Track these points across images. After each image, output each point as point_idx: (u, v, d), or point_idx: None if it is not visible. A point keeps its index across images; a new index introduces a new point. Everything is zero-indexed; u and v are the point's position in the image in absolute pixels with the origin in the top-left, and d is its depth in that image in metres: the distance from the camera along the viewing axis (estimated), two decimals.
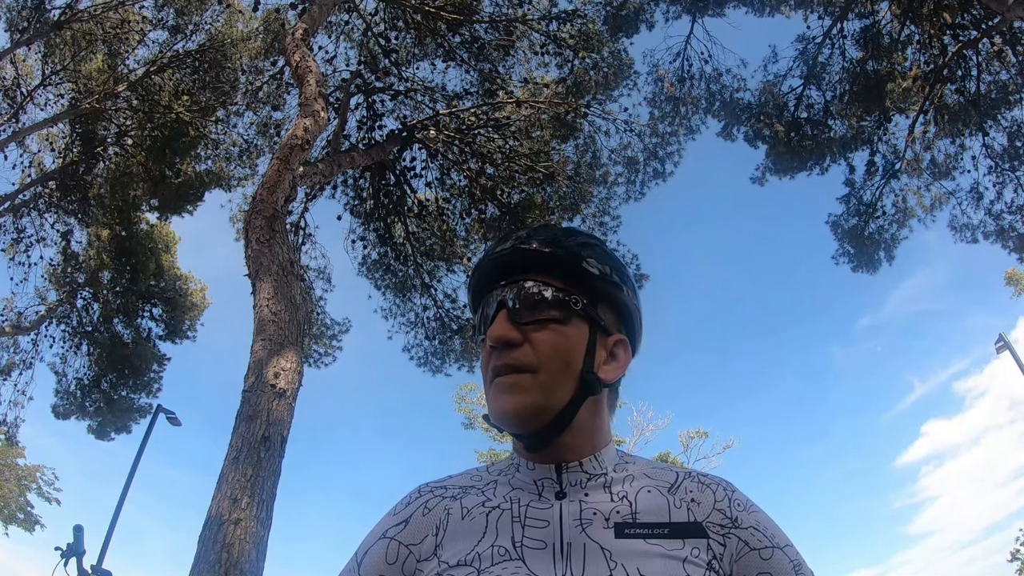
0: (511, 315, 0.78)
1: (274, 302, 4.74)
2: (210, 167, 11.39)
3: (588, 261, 0.81)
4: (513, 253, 0.82)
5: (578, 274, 0.81)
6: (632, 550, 0.70)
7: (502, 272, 0.82)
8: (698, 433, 20.75)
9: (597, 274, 0.81)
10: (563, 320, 0.78)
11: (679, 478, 0.81)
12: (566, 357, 0.77)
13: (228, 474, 3.83)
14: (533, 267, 0.81)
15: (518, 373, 0.76)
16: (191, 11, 10.71)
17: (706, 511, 0.76)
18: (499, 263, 0.83)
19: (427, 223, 10.65)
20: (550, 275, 0.80)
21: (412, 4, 9.97)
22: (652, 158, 10.59)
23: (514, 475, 0.83)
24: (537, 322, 0.78)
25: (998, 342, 13.95)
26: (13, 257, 11.82)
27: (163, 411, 11.58)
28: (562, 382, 0.77)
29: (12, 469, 19.98)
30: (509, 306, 0.79)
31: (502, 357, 0.77)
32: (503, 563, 0.71)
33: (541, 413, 0.76)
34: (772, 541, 0.76)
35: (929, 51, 10.20)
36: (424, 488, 0.87)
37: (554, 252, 0.80)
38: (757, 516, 0.78)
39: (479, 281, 0.85)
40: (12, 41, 10.26)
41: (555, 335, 0.78)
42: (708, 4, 10.43)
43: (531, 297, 0.79)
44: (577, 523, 0.73)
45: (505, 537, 0.73)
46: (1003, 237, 10.47)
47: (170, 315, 12.80)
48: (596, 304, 0.82)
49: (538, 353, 0.76)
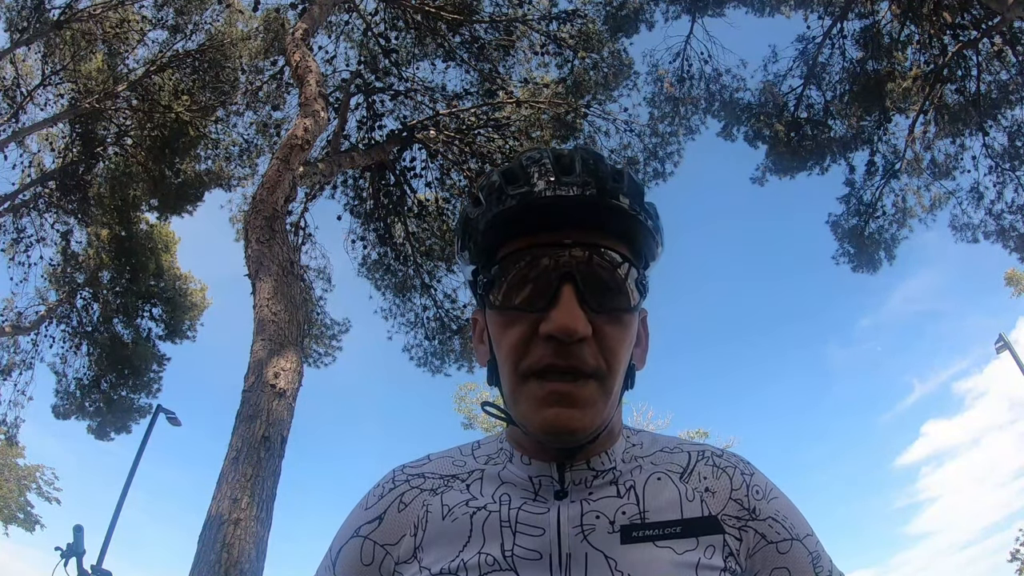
0: (581, 298, 0.60)
1: (274, 302, 4.74)
2: (210, 167, 11.38)
3: (644, 215, 0.64)
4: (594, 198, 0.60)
5: (640, 238, 0.64)
6: (640, 558, 0.61)
7: (551, 220, 0.61)
8: (698, 433, 20.73)
9: (652, 234, 0.65)
10: (633, 308, 0.64)
11: (691, 461, 0.71)
12: (628, 356, 0.64)
13: (228, 474, 3.83)
14: (592, 220, 0.62)
15: (581, 379, 0.61)
16: (191, 11, 10.70)
17: (722, 502, 0.67)
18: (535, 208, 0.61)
19: (427, 223, 10.65)
20: (614, 236, 0.63)
21: (412, 4, 9.97)
22: (652, 158, 10.59)
23: (505, 465, 0.70)
24: (611, 311, 0.62)
25: (998, 342, 13.95)
26: (13, 257, 11.82)
27: (163, 411, 11.58)
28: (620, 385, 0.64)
29: (12, 469, 19.97)
30: (582, 285, 0.60)
31: (565, 355, 0.60)
32: (493, 574, 0.61)
33: (598, 428, 0.63)
34: (792, 532, 0.68)
35: (929, 51, 10.21)
36: (399, 475, 0.74)
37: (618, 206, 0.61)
38: (777, 504, 0.70)
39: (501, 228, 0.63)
40: (12, 41, 10.26)
41: (625, 330, 0.63)
42: (708, 4, 10.42)
43: (606, 277, 0.62)
44: (578, 529, 0.63)
45: (493, 544, 0.63)
46: (1004, 237, 10.48)
47: (170, 315, 12.79)
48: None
49: (608, 354, 0.62)
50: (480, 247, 0.66)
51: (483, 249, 0.66)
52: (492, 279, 0.65)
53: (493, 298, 0.65)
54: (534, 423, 0.62)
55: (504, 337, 0.63)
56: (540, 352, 0.60)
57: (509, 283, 0.63)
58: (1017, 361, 13.38)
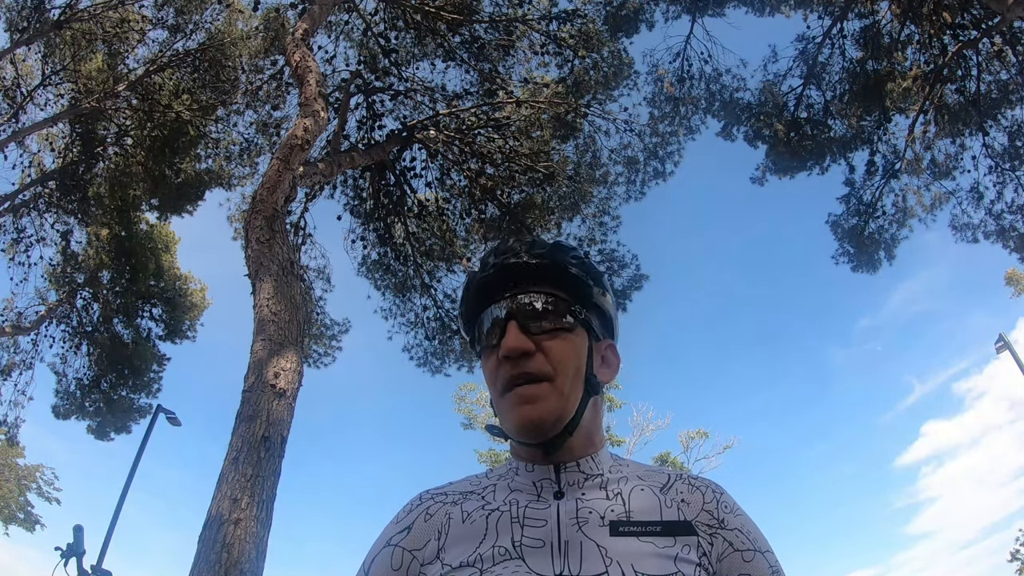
0: (522, 326, 0.81)
1: (274, 302, 4.74)
2: (210, 166, 11.38)
3: (576, 270, 0.85)
4: (505, 268, 0.85)
5: (569, 283, 0.85)
6: (626, 549, 0.73)
7: (497, 288, 0.85)
8: (698, 433, 20.71)
9: (585, 282, 0.86)
10: (570, 328, 0.83)
11: (671, 479, 0.85)
12: (577, 363, 0.82)
13: (228, 474, 3.83)
14: (526, 280, 0.84)
15: (536, 383, 0.78)
16: (191, 10, 10.70)
17: (695, 511, 0.80)
18: (492, 280, 0.86)
19: (427, 223, 10.65)
20: (545, 283, 0.84)
21: (412, 4, 9.97)
22: (652, 158, 10.58)
23: (513, 478, 0.85)
24: (548, 331, 0.81)
25: (998, 342, 13.95)
26: (13, 257, 11.82)
27: (163, 411, 11.58)
28: (575, 387, 0.81)
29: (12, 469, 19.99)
30: (520, 317, 0.81)
31: (518, 367, 0.79)
32: (504, 562, 0.73)
33: (560, 420, 0.79)
34: (755, 545, 0.80)
35: (929, 51, 10.20)
36: (425, 495, 0.89)
37: (546, 263, 0.84)
38: (742, 520, 0.82)
39: (475, 298, 0.88)
40: (12, 41, 10.26)
41: (566, 343, 0.82)
42: (708, 4, 10.42)
43: (542, 307, 0.82)
44: (574, 521, 0.76)
45: (505, 538, 0.75)
46: (1004, 237, 10.47)
47: (170, 315, 12.79)
48: (588, 311, 0.86)
49: (553, 361, 0.80)
50: (469, 313, 0.90)
51: (471, 313, 0.89)
52: (476, 333, 0.87)
53: (477, 344, 0.87)
54: (511, 425, 0.80)
55: (486, 369, 0.85)
56: (504, 372, 0.80)
57: (483, 331, 0.86)
58: (1017, 361, 13.37)
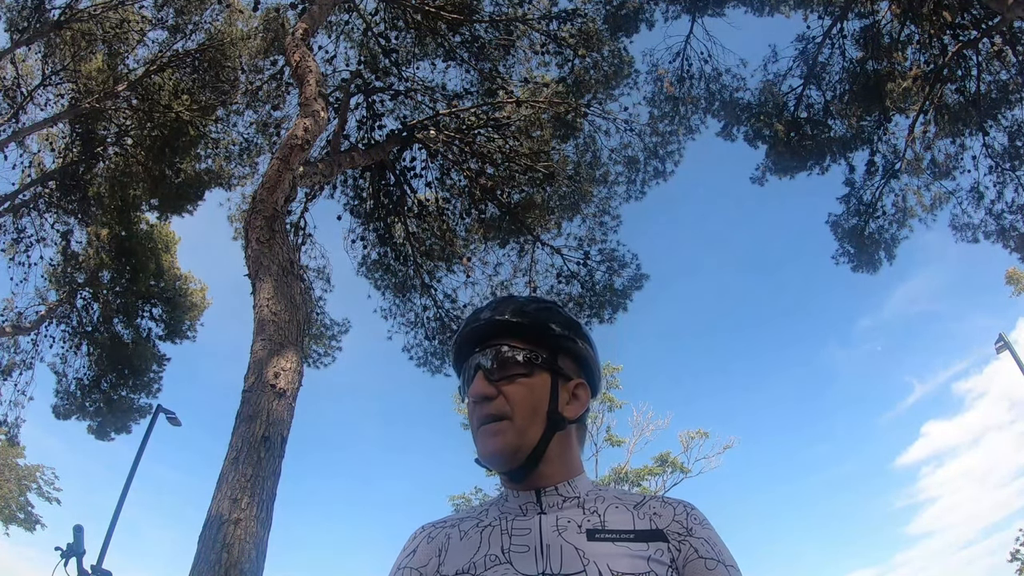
0: (487, 375, 0.95)
1: (274, 302, 4.74)
2: (210, 166, 11.38)
3: (550, 324, 0.98)
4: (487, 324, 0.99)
5: (542, 335, 0.98)
6: (602, 551, 0.84)
7: (478, 340, 1.00)
8: (698, 433, 20.71)
9: (558, 333, 0.98)
10: (528, 374, 0.95)
11: (645, 499, 0.96)
12: (533, 403, 0.94)
13: (228, 474, 3.83)
14: (504, 333, 0.98)
15: (497, 421, 0.92)
16: (191, 10, 10.70)
17: (666, 521, 0.91)
18: (474, 333, 1.00)
19: (427, 223, 10.65)
20: (518, 338, 0.97)
21: (412, 4, 9.96)
22: (652, 157, 10.58)
23: (503, 504, 0.98)
24: (507, 377, 0.95)
25: (998, 342, 13.95)
26: (13, 257, 11.82)
27: (163, 411, 11.58)
28: (532, 424, 0.93)
29: (12, 469, 20.00)
30: (486, 367, 0.96)
31: (483, 408, 0.94)
32: (494, 567, 0.85)
33: (518, 451, 0.92)
34: (719, 558, 0.88)
35: (929, 51, 10.20)
36: (427, 526, 1.02)
37: (520, 321, 0.97)
38: (709, 533, 0.91)
39: (460, 349, 1.03)
40: (12, 41, 10.26)
41: (522, 387, 0.94)
42: (708, 4, 10.41)
43: (503, 358, 0.96)
44: (554, 529, 0.88)
45: (496, 547, 0.88)
46: (1004, 237, 10.47)
47: (170, 315, 12.80)
48: (557, 357, 0.98)
49: (511, 403, 0.93)
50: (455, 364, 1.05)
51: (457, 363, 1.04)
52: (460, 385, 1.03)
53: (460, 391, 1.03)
54: (480, 455, 0.95)
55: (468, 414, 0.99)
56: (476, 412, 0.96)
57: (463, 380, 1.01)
58: (1017, 361, 13.38)
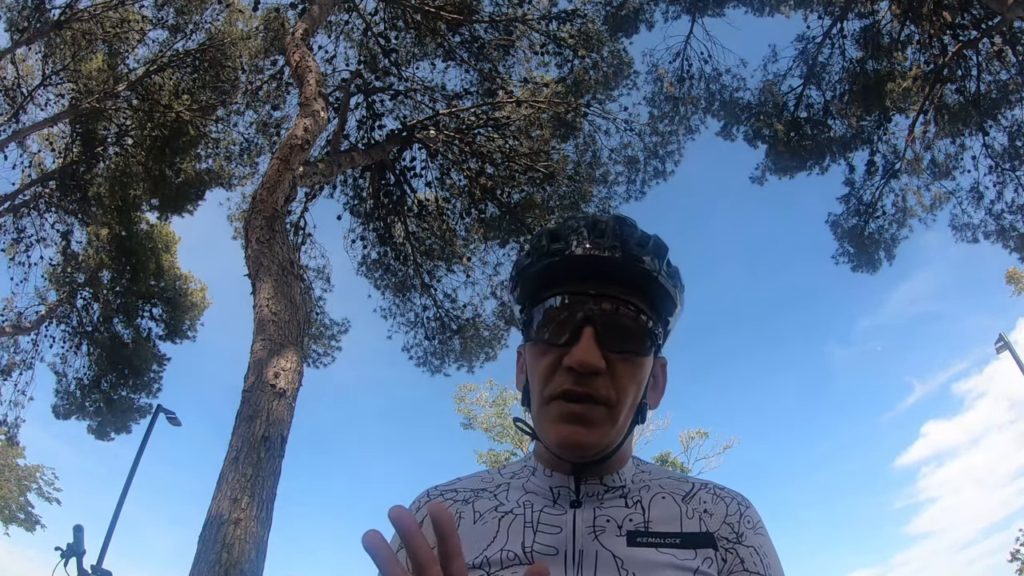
0: (600, 339, 0.71)
1: (274, 302, 4.74)
2: (210, 166, 11.38)
3: (663, 277, 0.74)
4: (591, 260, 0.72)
5: (657, 297, 0.75)
6: (644, 559, 0.69)
7: (574, 277, 0.74)
8: (698, 433, 20.73)
9: (672, 299, 0.76)
10: (644, 353, 0.75)
11: (694, 488, 0.80)
12: (637, 392, 0.75)
13: (228, 474, 3.83)
14: (614, 279, 0.73)
15: (593, 404, 0.71)
16: (191, 10, 10.70)
17: (717, 523, 0.75)
18: (571, 265, 0.74)
19: (427, 223, 10.65)
20: (634, 291, 0.74)
21: (412, 4, 9.96)
22: (652, 157, 10.58)
23: (528, 478, 0.81)
24: (622, 352, 0.73)
25: (998, 342, 13.94)
26: (13, 257, 11.82)
27: (163, 411, 11.57)
28: (628, 417, 0.75)
29: (12, 469, 19.99)
30: (601, 328, 0.71)
31: (582, 383, 0.71)
32: (512, 567, 0.69)
33: (606, 448, 0.74)
34: (767, 571, 0.74)
35: (929, 51, 10.20)
36: (433, 492, 0.84)
37: (640, 268, 0.73)
38: (762, 540, 0.77)
39: (541, 278, 0.76)
40: (12, 41, 10.26)
41: (636, 369, 0.74)
42: (708, 4, 10.41)
43: (623, 323, 0.73)
44: (590, 530, 0.72)
45: (516, 542, 0.72)
46: (1004, 237, 10.47)
47: (170, 315, 12.79)
48: (662, 324, 0.77)
49: (617, 388, 0.72)
50: (526, 291, 0.79)
51: (528, 293, 0.78)
52: (532, 317, 0.77)
53: (531, 332, 0.77)
54: (551, 438, 0.73)
55: (536, 365, 0.75)
56: (561, 380, 0.72)
57: (544, 321, 0.75)
58: (1017, 361, 13.37)
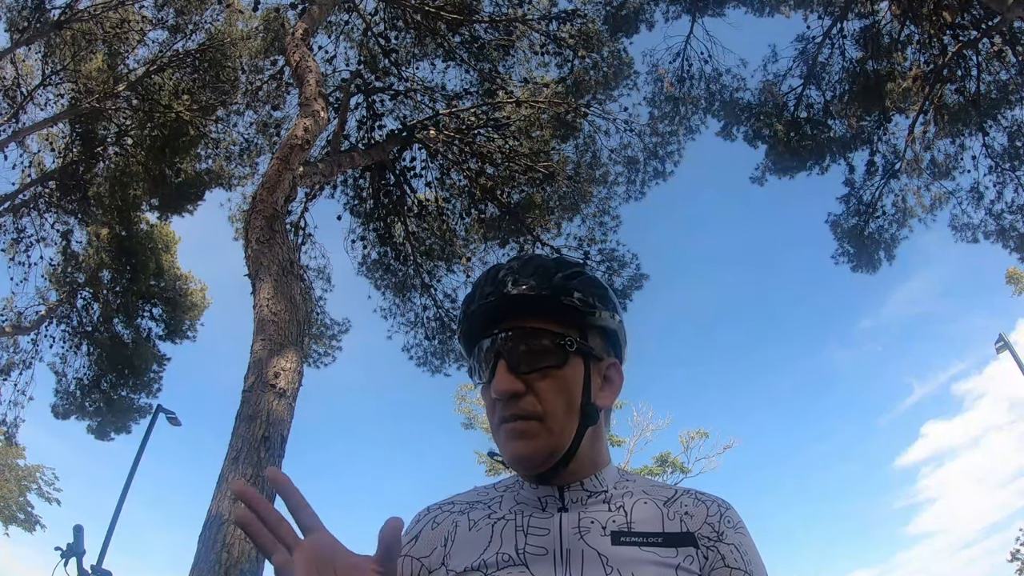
0: (511, 366, 0.79)
1: (274, 302, 4.74)
2: (210, 166, 11.39)
3: (574, 296, 0.81)
4: (500, 300, 0.81)
5: (566, 312, 0.81)
6: (628, 556, 0.74)
7: (492, 318, 0.82)
8: (698, 433, 20.69)
9: (583, 307, 0.81)
10: (560, 364, 0.80)
11: (676, 494, 0.85)
12: (568, 399, 0.80)
13: (228, 474, 3.83)
14: (521, 309, 0.81)
15: (526, 420, 0.78)
16: (191, 10, 10.70)
17: (698, 523, 0.80)
18: (487, 310, 0.82)
19: (427, 223, 10.65)
20: (540, 316, 0.81)
21: (412, 4, 9.97)
22: (652, 157, 10.59)
23: (519, 491, 0.86)
24: (537, 371, 0.79)
25: (998, 342, 13.94)
26: (13, 257, 11.81)
27: (163, 411, 11.57)
28: (567, 423, 0.79)
29: (12, 469, 19.99)
30: (508, 357, 0.79)
31: (508, 407, 0.78)
32: (508, 568, 0.74)
33: (552, 455, 0.79)
34: (747, 568, 0.78)
35: (929, 51, 10.20)
36: (432, 507, 0.90)
37: (539, 295, 0.80)
38: (742, 539, 0.81)
39: (470, 328, 0.85)
40: (12, 41, 10.26)
41: (555, 381, 0.79)
42: (708, 4, 10.42)
43: (528, 347, 0.79)
44: (576, 531, 0.77)
45: (509, 545, 0.77)
46: (1004, 237, 10.47)
47: (170, 315, 12.79)
48: (586, 335, 0.82)
49: (542, 401, 0.78)
50: (465, 346, 0.88)
51: (466, 346, 0.88)
52: (471, 365, 0.87)
53: (475, 378, 0.86)
54: (506, 457, 0.81)
55: (485, 402, 0.85)
56: (499, 408, 0.80)
57: (477, 366, 0.85)
58: (1017, 361, 13.37)
